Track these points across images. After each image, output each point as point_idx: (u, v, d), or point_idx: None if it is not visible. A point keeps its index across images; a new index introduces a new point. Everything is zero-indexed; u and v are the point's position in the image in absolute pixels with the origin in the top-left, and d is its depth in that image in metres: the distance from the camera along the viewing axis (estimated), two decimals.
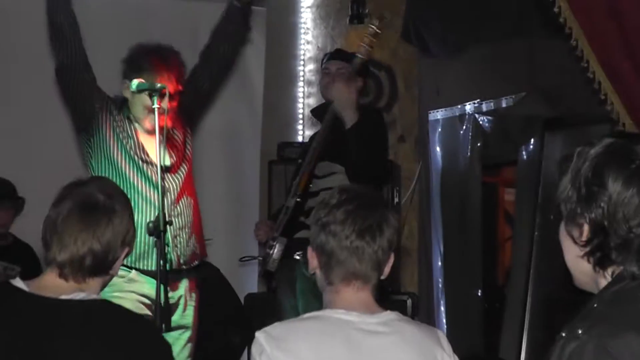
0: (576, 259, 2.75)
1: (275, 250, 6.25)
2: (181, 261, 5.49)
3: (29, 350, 3.34)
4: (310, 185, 6.27)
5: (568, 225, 2.74)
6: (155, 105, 5.23)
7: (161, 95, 5.27)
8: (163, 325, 4.99)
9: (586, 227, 2.68)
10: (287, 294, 6.43)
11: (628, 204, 2.64)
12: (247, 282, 8.42)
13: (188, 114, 5.78)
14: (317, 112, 6.84)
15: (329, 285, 3.48)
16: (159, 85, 5.29)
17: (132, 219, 3.70)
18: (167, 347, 3.55)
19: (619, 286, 2.68)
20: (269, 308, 6.98)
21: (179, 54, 5.60)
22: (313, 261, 3.52)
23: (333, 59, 6.72)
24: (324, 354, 3.35)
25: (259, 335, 3.38)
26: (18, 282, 3.50)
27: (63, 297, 3.45)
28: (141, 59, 5.48)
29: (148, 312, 5.18)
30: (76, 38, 5.54)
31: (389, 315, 3.46)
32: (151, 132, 5.47)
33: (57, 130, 7.72)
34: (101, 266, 3.55)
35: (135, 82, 5.31)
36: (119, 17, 7.76)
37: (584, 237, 2.69)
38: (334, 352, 3.35)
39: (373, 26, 6.28)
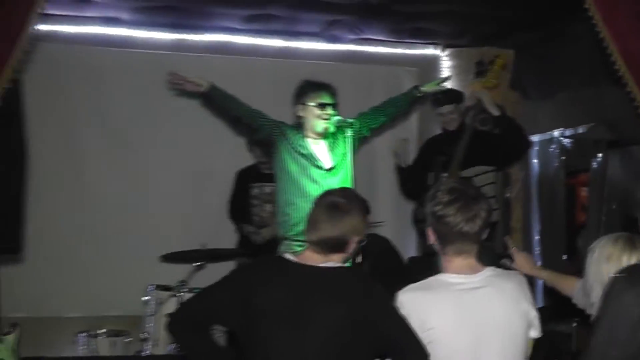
0: None
1: None
2: None
3: (299, 299, 3.41)
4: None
5: None
6: (348, 132, 5.46)
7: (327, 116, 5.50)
8: None
9: None
10: None
11: None
12: (408, 249, 8.38)
13: (359, 135, 5.75)
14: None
15: (444, 255, 3.50)
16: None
17: (365, 216, 3.68)
18: (387, 295, 3.51)
19: None
20: (427, 265, 7.07)
21: (332, 85, 5.69)
22: (431, 237, 3.52)
23: (445, 102, 6.67)
24: (438, 305, 3.40)
25: (399, 294, 3.47)
26: (287, 255, 3.63)
27: (320, 265, 3.54)
28: (306, 86, 5.66)
29: None
30: (243, 110, 5.66)
31: (487, 272, 3.48)
32: (320, 135, 5.61)
33: None
34: (340, 247, 3.59)
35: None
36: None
37: None
38: (445, 304, 3.40)
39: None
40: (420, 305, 3.41)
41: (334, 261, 3.59)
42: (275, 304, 3.42)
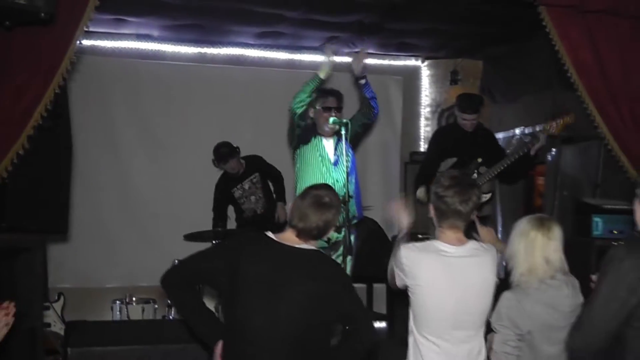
0: None
1: None
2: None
3: (277, 273, 3.50)
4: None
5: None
6: (342, 131, 5.45)
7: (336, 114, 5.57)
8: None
9: None
10: None
11: None
12: (392, 229, 8.39)
13: (355, 132, 5.69)
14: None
15: (440, 227, 3.66)
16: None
17: (340, 212, 3.78)
18: (348, 277, 3.76)
19: None
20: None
21: (339, 92, 5.74)
22: (432, 211, 3.66)
23: (470, 112, 6.37)
24: (430, 265, 3.57)
25: (402, 248, 3.62)
26: (270, 234, 3.66)
27: (296, 246, 3.61)
28: (319, 92, 5.63)
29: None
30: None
31: (471, 244, 3.66)
32: (327, 134, 5.65)
33: None
34: (320, 235, 3.67)
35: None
36: None
37: None
38: (435, 265, 3.57)
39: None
40: (415, 261, 3.58)
41: (309, 244, 3.66)
42: (257, 275, 3.50)
